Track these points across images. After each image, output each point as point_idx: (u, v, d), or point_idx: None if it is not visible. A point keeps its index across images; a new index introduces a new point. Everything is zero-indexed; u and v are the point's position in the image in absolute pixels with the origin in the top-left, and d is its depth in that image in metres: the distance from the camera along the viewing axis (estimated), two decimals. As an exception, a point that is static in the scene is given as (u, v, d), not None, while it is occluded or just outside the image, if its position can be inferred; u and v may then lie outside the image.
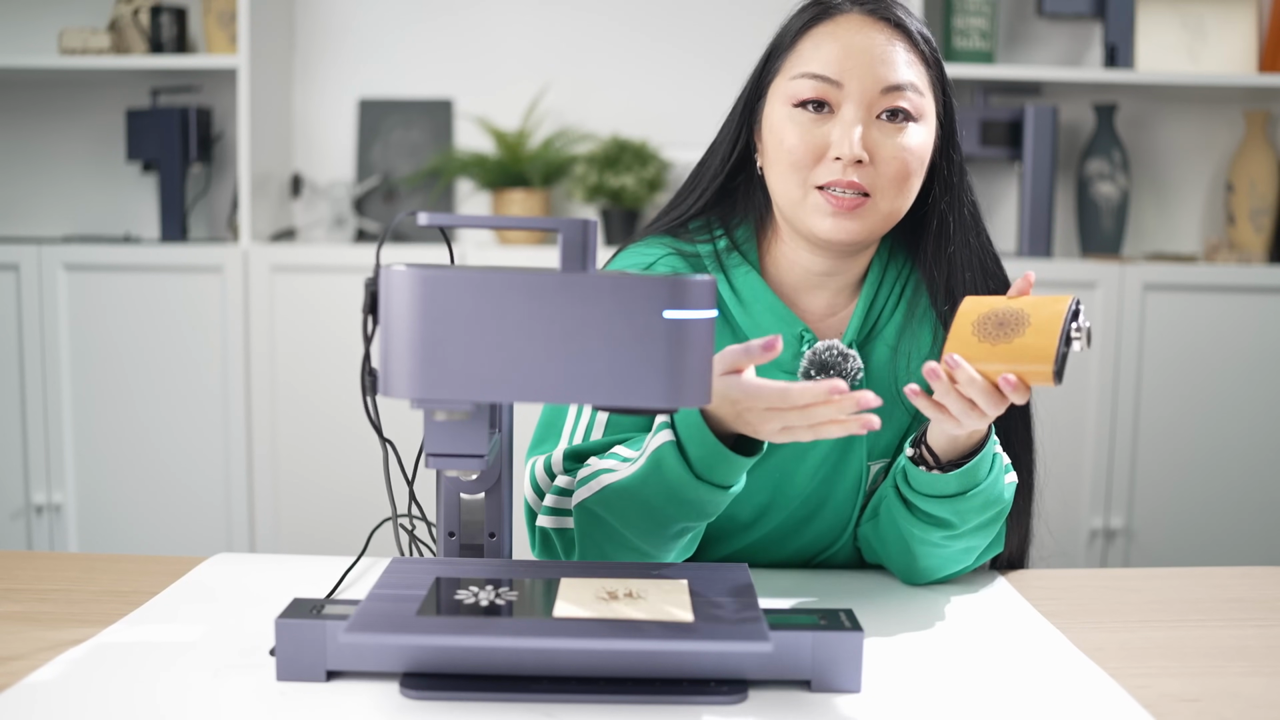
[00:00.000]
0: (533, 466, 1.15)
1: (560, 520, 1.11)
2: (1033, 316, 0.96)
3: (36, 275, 2.58)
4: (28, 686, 0.86)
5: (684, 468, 0.99)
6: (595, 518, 1.06)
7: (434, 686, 0.84)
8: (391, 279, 0.81)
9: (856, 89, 1.10)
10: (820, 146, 1.11)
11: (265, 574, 1.14)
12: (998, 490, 1.09)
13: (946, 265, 1.18)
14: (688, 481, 1.00)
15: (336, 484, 2.61)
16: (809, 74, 1.11)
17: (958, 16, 2.68)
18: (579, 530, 1.08)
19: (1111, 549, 2.63)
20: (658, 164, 2.72)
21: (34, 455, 2.62)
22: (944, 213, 1.18)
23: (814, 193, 1.11)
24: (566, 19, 2.88)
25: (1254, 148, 2.75)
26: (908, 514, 1.11)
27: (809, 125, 1.11)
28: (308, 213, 2.81)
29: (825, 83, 1.11)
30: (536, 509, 1.13)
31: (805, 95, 1.11)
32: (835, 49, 1.11)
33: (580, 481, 1.08)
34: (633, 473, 1.03)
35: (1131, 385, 2.59)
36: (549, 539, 1.12)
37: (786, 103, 1.13)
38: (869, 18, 1.12)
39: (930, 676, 0.91)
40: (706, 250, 1.21)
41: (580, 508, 1.07)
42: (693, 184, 1.25)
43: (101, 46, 2.65)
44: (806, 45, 1.13)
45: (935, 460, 1.07)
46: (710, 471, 1.00)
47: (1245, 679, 0.92)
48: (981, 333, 0.97)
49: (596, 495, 1.06)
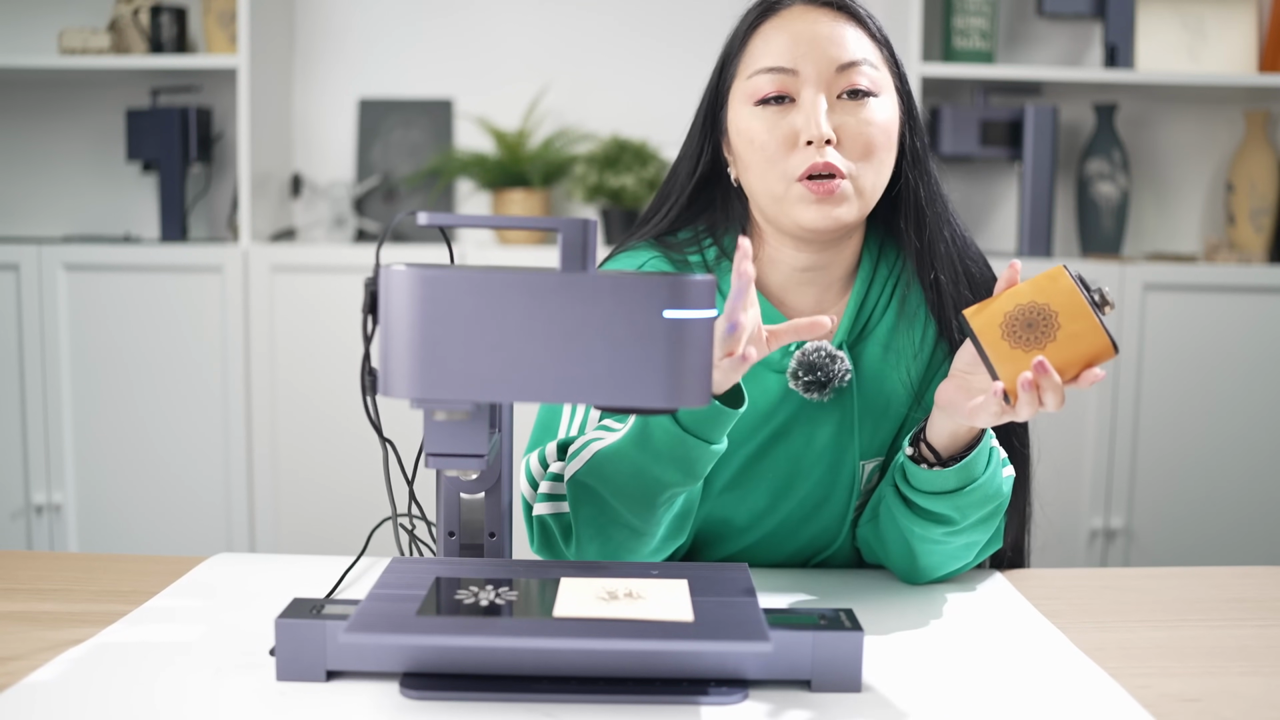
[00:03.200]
0: (527, 461, 1.15)
1: (557, 505, 1.11)
2: (1053, 304, 0.97)
3: (36, 275, 2.58)
4: (28, 686, 0.86)
5: (672, 422, 1.00)
6: (587, 491, 1.07)
7: (434, 686, 0.84)
8: (391, 279, 0.81)
9: (812, 72, 1.12)
10: (789, 135, 1.12)
11: (265, 574, 1.14)
12: (996, 484, 1.09)
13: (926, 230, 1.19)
14: (676, 436, 1.00)
15: (336, 484, 2.61)
16: (764, 69, 1.13)
17: (958, 16, 2.68)
18: (573, 508, 1.08)
19: (1111, 549, 2.63)
20: (658, 164, 2.72)
21: (34, 455, 2.62)
22: (915, 184, 1.19)
23: (795, 185, 1.12)
24: (566, 19, 2.88)
25: (1254, 148, 2.75)
26: (908, 512, 1.11)
27: (774, 118, 1.12)
28: (308, 213, 2.81)
29: (781, 74, 1.12)
30: (532, 500, 1.13)
31: (765, 90, 1.13)
32: (784, 39, 1.13)
33: (571, 456, 1.08)
34: (622, 436, 1.04)
35: (1131, 385, 2.59)
36: (547, 528, 1.12)
37: (748, 102, 1.14)
38: (811, 6, 1.14)
39: (930, 676, 0.91)
40: (696, 260, 1.21)
41: (573, 482, 1.07)
42: (663, 197, 1.26)
43: (101, 46, 2.65)
44: (756, 43, 1.15)
45: (934, 457, 1.08)
46: (698, 425, 1.00)
47: (1245, 679, 0.92)
48: (1016, 340, 0.97)
49: (587, 465, 1.06)
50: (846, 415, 1.17)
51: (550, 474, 1.11)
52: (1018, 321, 0.97)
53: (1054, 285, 0.97)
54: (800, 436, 1.18)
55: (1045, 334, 0.96)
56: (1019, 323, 0.97)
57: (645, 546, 1.09)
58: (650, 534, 1.08)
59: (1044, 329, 0.97)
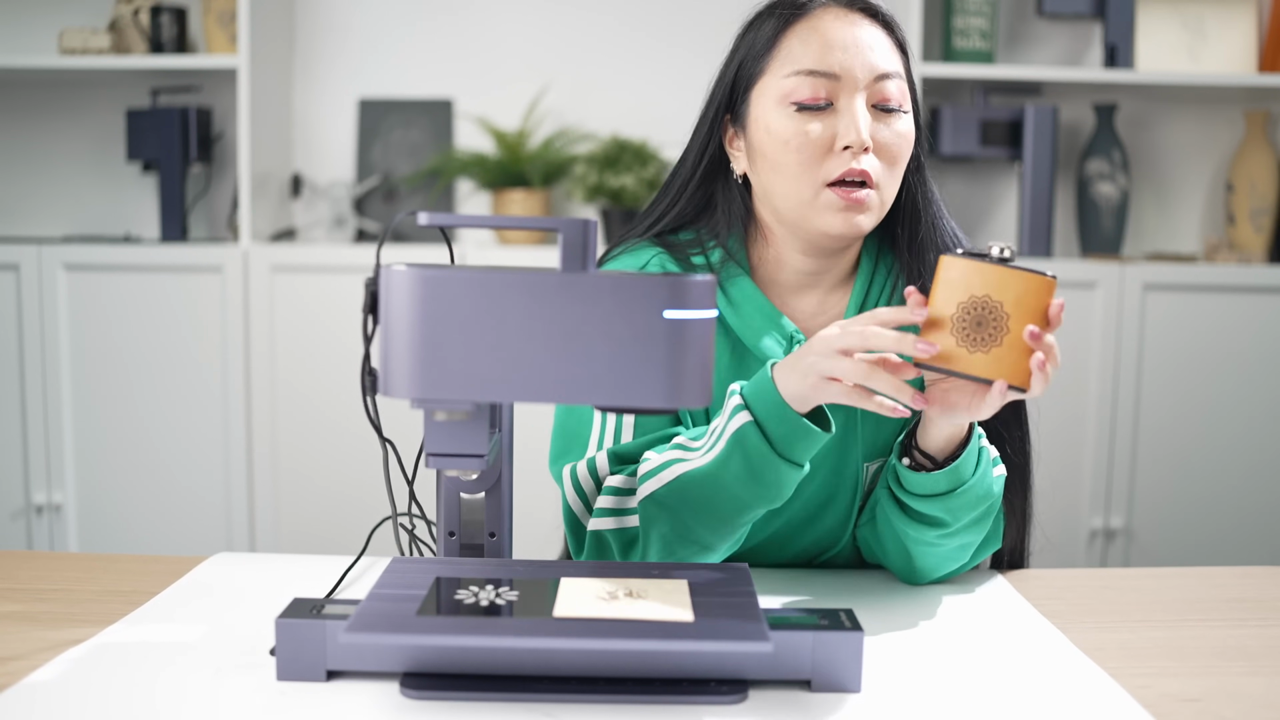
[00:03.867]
0: (572, 473, 1.14)
1: (621, 520, 1.10)
2: (975, 292, 0.94)
3: (36, 275, 2.58)
4: (28, 686, 0.86)
5: (766, 445, 1.00)
6: (666, 510, 1.06)
7: (434, 686, 0.84)
8: (391, 279, 0.81)
9: (853, 79, 1.12)
10: (827, 140, 1.11)
11: (265, 574, 1.14)
12: (987, 485, 1.09)
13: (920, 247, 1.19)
14: (769, 460, 1.00)
15: (336, 484, 2.61)
16: (804, 70, 1.12)
17: (958, 16, 2.68)
18: (645, 525, 1.07)
19: (1111, 549, 2.63)
20: (658, 164, 2.72)
21: (34, 455, 2.62)
22: (914, 194, 1.20)
23: (825, 191, 1.12)
24: (566, 19, 2.88)
25: (1254, 148, 2.75)
26: (901, 514, 1.11)
27: (809, 120, 1.12)
28: (308, 213, 2.81)
29: (822, 77, 1.12)
30: (583, 515, 1.13)
31: (805, 92, 1.12)
32: (822, 42, 1.12)
33: (646, 475, 1.07)
34: (712, 459, 1.03)
35: (1131, 385, 2.59)
36: (604, 542, 1.11)
37: (782, 103, 1.13)
38: (844, 9, 1.14)
39: (930, 676, 0.91)
40: (700, 263, 1.21)
41: (648, 501, 1.07)
42: (664, 193, 1.25)
43: (101, 46, 2.65)
44: (792, 43, 1.14)
45: (923, 459, 1.08)
46: (791, 448, 1.00)
47: (1245, 679, 0.92)
48: (977, 343, 0.94)
49: (669, 485, 1.05)
50: (850, 417, 1.17)
51: (610, 488, 1.11)
52: (966, 326, 0.95)
53: (956, 277, 0.95)
54: None
55: (997, 321, 0.94)
56: (967, 326, 0.95)
57: (714, 560, 1.09)
58: (720, 550, 1.09)
59: (992, 318, 0.94)
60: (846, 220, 1.12)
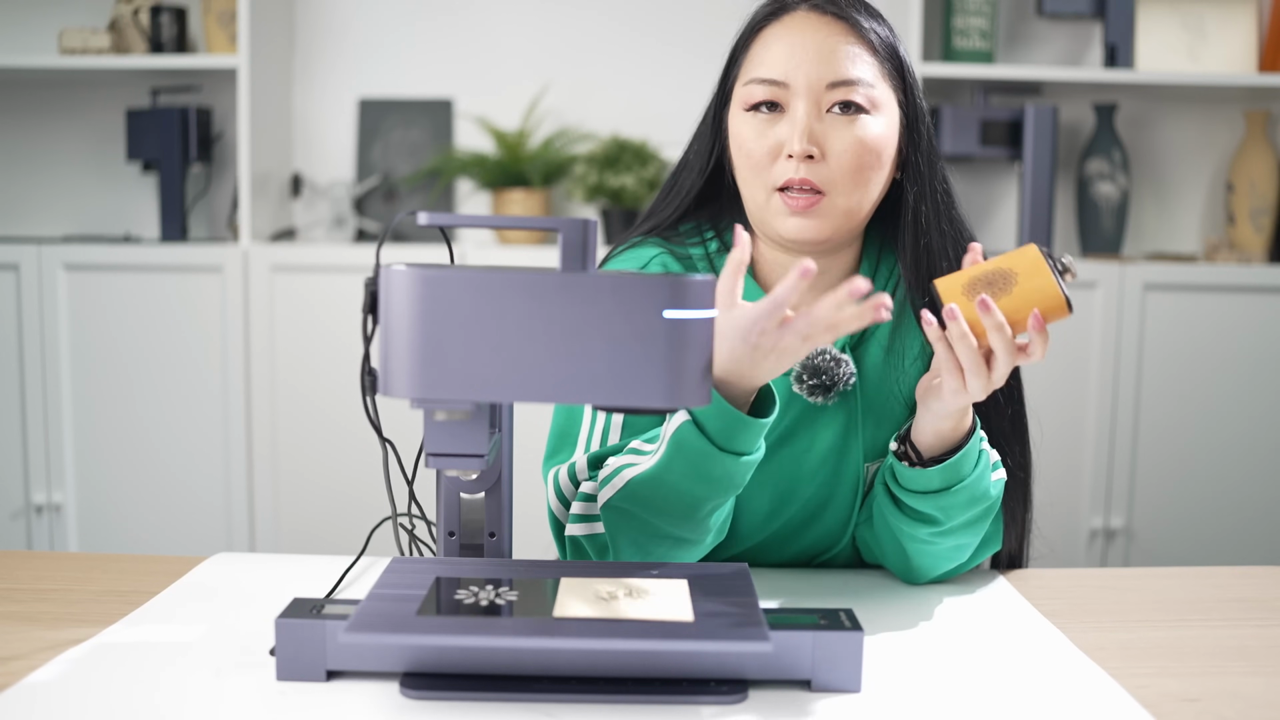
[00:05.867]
0: (555, 476, 1.14)
1: (591, 526, 1.10)
2: (1015, 268, 1.00)
3: (36, 275, 2.58)
4: (28, 686, 0.86)
5: (705, 442, 0.99)
6: (624, 514, 1.06)
7: (434, 686, 0.84)
8: (391, 279, 0.81)
9: (803, 86, 1.12)
10: (775, 146, 1.13)
11: (265, 574, 1.14)
12: (983, 486, 1.09)
13: (925, 256, 1.18)
14: (711, 455, 0.99)
15: (336, 484, 2.61)
16: (757, 79, 1.14)
17: (958, 16, 2.68)
18: (610, 531, 1.07)
19: (1111, 549, 2.63)
20: (658, 164, 2.72)
21: (34, 455, 2.62)
22: (916, 203, 1.18)
23: (774, 196, 1.13)
24: (566, 19, 2.88)
25: (1254, 148, 2.75)
26: (896, 510, 1.11)
27: (763, 127, 1.13)
28: (308, 213, 2.81)
29: (772, 85, 1.13)
30: (563, 519, 1.12)
31: (756, 98, 1.14)
32: (781, 50, 1.13)
33: (603, 482, 1.07)
34: (655, 462, 1.03)
35: (1131, 385, 2.59)
36: (580, 547, 1.11)
37: (741, 108, 1.15)
38: (814, 14, 1.14)
39: (930, 676, 0.91)
40: (699, 253, 1.21)
41: (607, 508, 1.07)
42: (669, 191, 1.26)
43: (101, 46, 2.66)
44: (757, 48, 1.15)
45: (920, 456, 1.08)
46: (731, 440, 0.99)
47: (1245, 679, 0.92)
48: (974, 297, 0.99)
49: (621, 492, 1.05)
50: (850, 418, 1.17)
51: (581, 494, 1.11)
52: (979, 282, 1.00)
53: (1021, 254, 1.00)
54: (804, 440, 1.18)
55: (1002, 290, 0.99)
56: (980, 283, 1.00)
57: (696, 552, 1.09)
58: (700, 540, 1.08)
59: (1001, 287, 0.99)
60: (798, 225, 1.12)
